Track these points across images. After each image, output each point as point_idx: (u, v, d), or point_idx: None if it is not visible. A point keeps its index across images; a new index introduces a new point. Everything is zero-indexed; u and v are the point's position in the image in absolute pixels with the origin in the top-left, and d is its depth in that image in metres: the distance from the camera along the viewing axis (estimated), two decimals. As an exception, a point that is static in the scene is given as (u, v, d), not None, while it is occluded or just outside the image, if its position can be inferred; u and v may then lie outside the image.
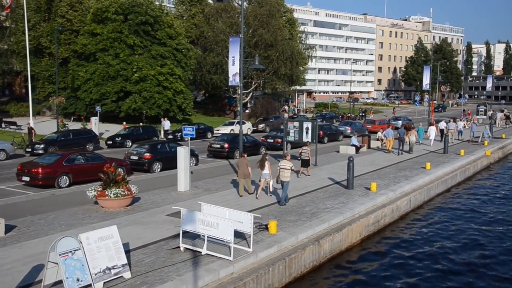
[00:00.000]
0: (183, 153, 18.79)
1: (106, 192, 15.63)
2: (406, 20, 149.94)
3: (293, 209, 16.07)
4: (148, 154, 23.89)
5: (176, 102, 48.81)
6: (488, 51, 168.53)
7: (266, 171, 17.44)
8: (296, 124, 26.10)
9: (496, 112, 58.96)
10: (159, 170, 24.15)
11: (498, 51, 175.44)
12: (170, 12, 60.28)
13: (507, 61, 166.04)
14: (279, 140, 31.81)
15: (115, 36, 46.57)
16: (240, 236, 12.29)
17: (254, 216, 11.97)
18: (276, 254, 12.18)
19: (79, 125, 40.33)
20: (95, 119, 38.91)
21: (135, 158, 23.95)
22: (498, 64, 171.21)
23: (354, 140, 31.24)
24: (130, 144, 31.83)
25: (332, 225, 14.74)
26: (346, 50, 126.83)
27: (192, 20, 62.41)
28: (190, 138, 21.43)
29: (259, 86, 61.60)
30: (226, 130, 41.79)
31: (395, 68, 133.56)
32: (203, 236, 11.52)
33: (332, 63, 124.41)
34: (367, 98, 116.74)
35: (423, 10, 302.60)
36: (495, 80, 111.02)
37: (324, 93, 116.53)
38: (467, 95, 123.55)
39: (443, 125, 38.25)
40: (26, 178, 19.66)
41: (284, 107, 69.70)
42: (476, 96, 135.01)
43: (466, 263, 14.40)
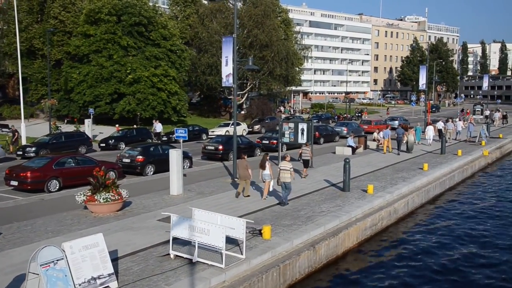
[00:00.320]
0: (175, 155, 18.37)
1: (96, 197, 15.20)
2: (401, 20, 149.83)
3: (288, 212, 15.67)
4: (141, 157, 23.44)
5: (171, 104, 48.29)
6: (484, 50, 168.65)
7: (267, 172, 17.26)
8: (291, 125, 25.71)
9: (494, 112, 58.65)
10: (152, 173, 23.71)
11: (494, 50, 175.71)
12: (164, 13, 59.85)
13: (503, 60, 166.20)
14: (275, 141, 31.40)
15: (109, 37, 46.07)
16: (233, 242, 11.90)
17: (247, 221, 11.56)
18: (270, 260, 11.77)
19: (72, 127, 39.84)
20: (88, 121, 38.39)
21: (127, 161, 23.50)
22: (494, 64, 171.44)
23: (350, 141, 30.91)
24: (124, 146, 31.38)
25: (328, 229, 14.34)
26: (342, 50, 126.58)
27: (186, 21, 61.94)
28: (185, 139, 21.08)
29: (255, 87, 61.19)
30: (221, 131, 41.34)
31: (391, 68, 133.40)
32: (194, 243, 11.11)
33: (328, 63, 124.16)
34: (363, 99, 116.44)
35: (419, 10, 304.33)
36: (491, 80, 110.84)
37: (320, 93, 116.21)
38: (463, 95, 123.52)
39: (440, 125, 38.01)
40: (15, 183, 19.19)
41: (279, 108, 69.33)
42: (472, 96, 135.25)
43: (467, 267, 14.02)
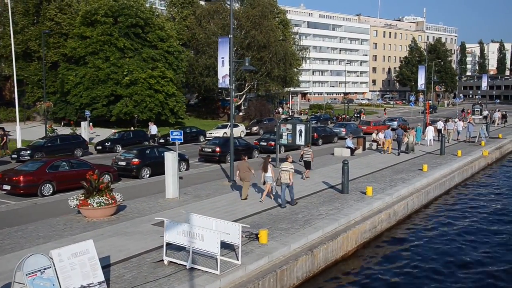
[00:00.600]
0: (170, 158, 18.04)
1: (89, 201, 14.89)
2: (399, 20, 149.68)
3: (285, 216, 15.34)
4: (137, 160, 23.10)
5: (168, 106, 47.92)
6: (482, 50, 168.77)
7: (269, 174, 17.09)
8: (289, 126, 25.43)
9: (493, 112, 58.33)
10: (148, 176, 23.37)
11: (492, 50, 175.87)
12: (162, 14, 59.51)
13: (501, 60, 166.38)
14: (272, 143, 31.07)
15: (105, 39, 45.68)
16: (229, 247, 11.58)
17: (243, 226, 11.25)
18: (266, 266, 11.45)
19: (69, 130, 39.48)
20: (84, 124, 38.05)
21: (123, 163, 23.15)
22: (492, 64, 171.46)
23: (349, 142, 30.60)
24: (120, 149, 31.05)
25: (327, 232, 14.02)
26: (340, 51, 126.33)
27: (184, 22, 61.56)
28: (182, 141, 20.78)
29: (253, 88, 60.86)
30: (219, 133, 41.03)
31: (390, 69, 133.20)
32: (188, 248, 10.79)
33: (326, 64, 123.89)
34: (361, 99, 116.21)
35: (417, 10, 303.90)
36: (490, 80, 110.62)
37: (318, 94, 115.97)
38: (461, 95, 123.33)
39: (440, 125, 37.76)
40: (7, 187, 18.83)
41: (278, 109, 69.00)
42: (470, 96, 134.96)
43: (467, 271, 13.71)
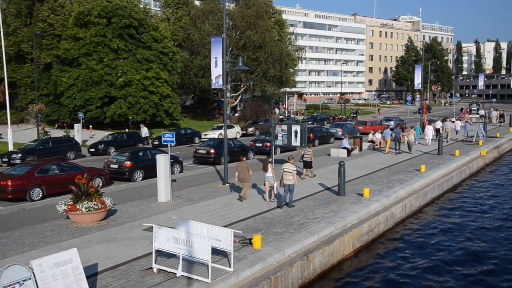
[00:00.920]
0: (163, 161, 17.59)
1: (78, 206, 14.43)
2: (395, 20, 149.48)
3: (280, 219, 14.92)
4: (129, 162, 22.63)
5: (163, 107, 47.46)
6: (478, 50, 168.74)
7: (270, 174, 17.01)
8: (285, 127, 24.99)
9: (491, 111, 58.02)
10: (140, 178, 22.90)
11: (488, 49, 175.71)
12: (156, 15, 59.03)
13: (497, 59, 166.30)
14: (268, 144, 30.64)
15: (99, 40, 45.20)
16: (222, 253, 11.15)
17: (234, 231, 10.82)
18: (260, 272, 11.01)
19: (62, 132, 38.98)
20: (78, 126, 37.55)
21: (115, 166, 22.69)
22: (488, 63, 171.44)
23: (346, 142, 30.23)
24: (114, 151, 30.57)
25: (322, 236, 13.60)
26: (336, 51, 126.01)
27: (178, 23, 61.15)
28: (176, 143, 20.39)
29: (248, 88, 60.46)
30: (214, 134, 40.60)
31: (386, 68, 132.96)
32: (178, 255, 10.35)
33: (322, 64, 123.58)
34: (358, 99, 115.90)
35: (413, 9, 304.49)
36: (486, 79, 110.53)
37: (315, 94, 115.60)
38: (458, 94, 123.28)
39: (439, 124, 37.45)
40: (-5, 192, 18.37)
41: (274, 109, 68.60)
42: (467, 95, 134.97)
43: (468, 274, 13.32)
